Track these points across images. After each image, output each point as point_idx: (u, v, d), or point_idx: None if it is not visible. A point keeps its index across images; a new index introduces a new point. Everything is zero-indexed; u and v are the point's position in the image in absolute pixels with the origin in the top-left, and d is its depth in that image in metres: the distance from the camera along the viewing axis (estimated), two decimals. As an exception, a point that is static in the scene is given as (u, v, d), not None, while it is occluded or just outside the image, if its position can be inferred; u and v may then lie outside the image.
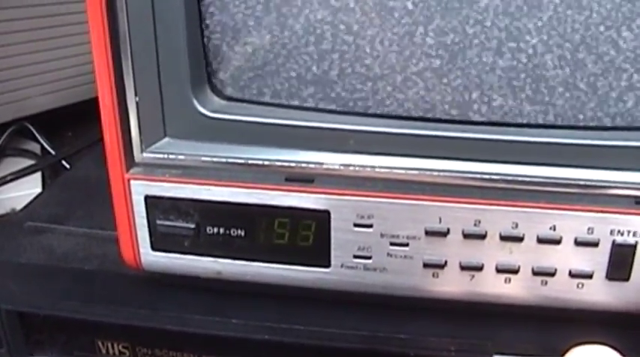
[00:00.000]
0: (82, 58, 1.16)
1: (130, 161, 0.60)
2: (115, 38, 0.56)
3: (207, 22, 0.57)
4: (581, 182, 0.56)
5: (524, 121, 0.56)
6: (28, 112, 1.13)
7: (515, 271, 0.58)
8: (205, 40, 0.58)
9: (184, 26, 0.56)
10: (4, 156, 1.09)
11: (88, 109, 1.14)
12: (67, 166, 1.04)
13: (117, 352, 0.68)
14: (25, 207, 0.83)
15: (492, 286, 0.59)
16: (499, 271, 0.58)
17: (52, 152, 1.07)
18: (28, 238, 0.75)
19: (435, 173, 0.57)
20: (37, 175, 1.05)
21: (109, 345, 0.68)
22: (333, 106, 0.58)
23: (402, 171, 0.57)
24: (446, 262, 0.59)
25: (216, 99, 0.59)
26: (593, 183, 0.56)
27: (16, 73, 1.09)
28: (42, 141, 1.08)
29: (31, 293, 0.67)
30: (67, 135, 1.20)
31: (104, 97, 0.58)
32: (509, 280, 0.58)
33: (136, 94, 0.58)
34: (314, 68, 0.57)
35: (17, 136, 1.13)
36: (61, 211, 0.79)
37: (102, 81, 0.57)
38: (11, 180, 0.96)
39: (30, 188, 1.01)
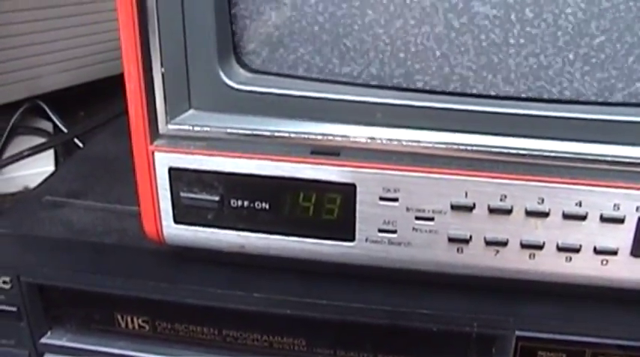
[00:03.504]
0: (97, 37, 1.17)
1: (154, 133, 0.60)
2: (142, 8, 0.56)
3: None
4: (608, 158, 0.56)
5: (553, 97, 0.56)
6: (42, 90, 1.13)
7: (540, 247, 0.58)
8: (232, 10, 0.57)
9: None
10: (17, 134, 1.09)
11: (101, 88, 1.15)
12: (81, 144, 1.03)
13: (136, 326, 0.68)
14: (43, 182, 0.82)
15: (517, 262, 0.59)
16: (524, 246, 0.58)
17: (65, 130, 1.07)
18: (46, 212, 0.75)
19: (462, 147, 0.57)
20: (50, 154, 1.05)
21: (129, 319, 0.68)
22: (360, 79, 0.58)
23: (429, 145, 0.57)
24: (471, 237, 0.59)
25: (242, 71, 0.59)
26: (620, 159, 0.56)
27: (30, 51, 1.09)
28: (55, 119, 1.09)
29: (50, 267, 0.67)
30: (80, 114, 1.20)
31: (130, 68, 0.57)
32: (534, 255, 0.58)
33: (161, 66, 0.58)
34: (342, 40, 0.56)
35: (30, 114, 1.13)
36: (78, 186, 0.79)
37: (128, 52, 0.57)
38: (25, 157, 0.96)
39: (42, 166, 1.01)
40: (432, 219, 0.58)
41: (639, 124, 0.56)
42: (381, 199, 0.58)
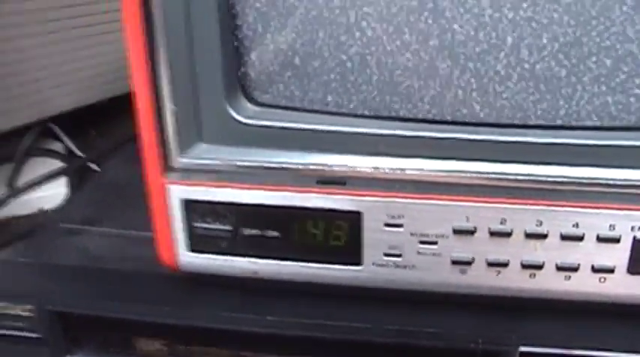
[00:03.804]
0: (104, 59, 1.18)
1: (167, 167, 0.62)
2: (152, 50, 0.58)
3: (238, 30, 0.59)
4: (602, 181, 0.58)
5: (548, 123, 0.58)
6: (52, 112, 1.15)
7: (540, 267, 0.60)
8: (238, 47, 0.60)
9: (218, 35, 0.58)
10: (30, 156, 1.11)
11: (110, 107, 1.17)
12: (96, 168, 1.06)
13: (154, 349, 0.70)
14: (59, 209, 0.85)
15: (518, 282, 0.61)
16: (524, 267, 0.61)
17: (77, 152, 1.09)
18: (63, 239, 0.77)
19: (463, 174, 0.59)
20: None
21: (146, 342, 0.70)
22: (362, 111, 0.60)
23: (431, 172, 0.60)
24: (473, 259, 0.61)
25: (249, 105, 0.62)
26: (614, 181, 0.58)
27: (40, 76, 1.10)
28: (67, 142, 1.10)
29: (70, 294, 0.70)
30: (91, 133, 1.22)
31: (142, 106, 0.60)
32: (534, 275, 0.61)
33: (172, 102, 0.60)
34: (344, 74, 0.59)
35: (41, 135, 1.15)
36: (93, 213, 0.82)
37: (140, 90, 0.59)
38: (41, 183, 0.98)
39: (56, 188, 1.03)
40: (435, 243, 0.61)
41: (632, 148, 0.58)
42: (386, 225, 0.61)
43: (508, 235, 0.60)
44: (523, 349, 0.63)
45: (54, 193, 1.03)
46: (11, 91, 1.07)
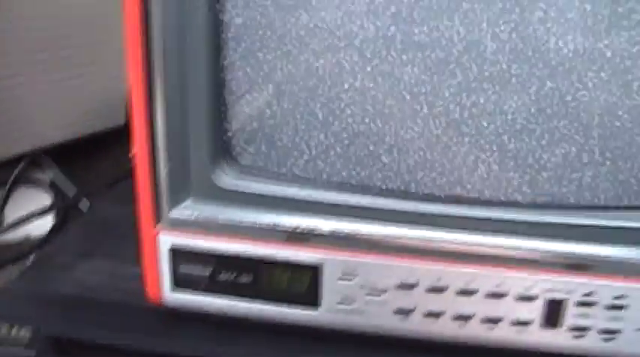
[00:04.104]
0: (92, 94, 1.26)
1: (158, 218, 0.73)
2: (151, 124, 0.69)
3: (222, 97, 0.70)
4: (522, 249, 0.69)
5: (478, 197, 0.70)
6: (42, 144, 1.22)
7: (468, 319, 0.72)
8: (222, 114, 0.70)
9: (206, 102, 0.68)
10: (16, 185, 1.20)
11: (97, 140, 1.25)
12: (85, 208, 1.15)
13: (137, 373, 0.81)
14: (46, 238, 0.96)
15: (450, 329, 0.72)
16: (455, 318, 0.72)
17: (65, 188, 1.18)
18: (59, 272, 0.87)
19: (406, 238, 0.70)
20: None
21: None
22: (324, 179, 0.71)
23: (380, 236, 0.71)
24: (412, 309, 0.72)
25: (230, 170, 0.72)
26: (531, 250, 0.69)
27: (30, 110, 1.17)
28: (57, 176, 1.19)
29: (64, 321, 0.80)
30: (75, 165, 1.30)
31: (140, 168, 0.71)
32: (464, 325, 0.72)
33: (166, 164, 0.71)
34: (310, 151, 0.70)
35: (30, 164, 1.23)
36: (86, 248, 0.92)
37: (140, 155, 0.70)
38: (33, 218, 1.08)
39: (42, 217, 1.12)
40: (381, 294, 0.72)
41: (547, 224, 0.70)
42: (341, 278, 0.72)
43: (442, 290, 0.71)
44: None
45: (40, 223, 1.12)
46: (2, 125, 1.15)
